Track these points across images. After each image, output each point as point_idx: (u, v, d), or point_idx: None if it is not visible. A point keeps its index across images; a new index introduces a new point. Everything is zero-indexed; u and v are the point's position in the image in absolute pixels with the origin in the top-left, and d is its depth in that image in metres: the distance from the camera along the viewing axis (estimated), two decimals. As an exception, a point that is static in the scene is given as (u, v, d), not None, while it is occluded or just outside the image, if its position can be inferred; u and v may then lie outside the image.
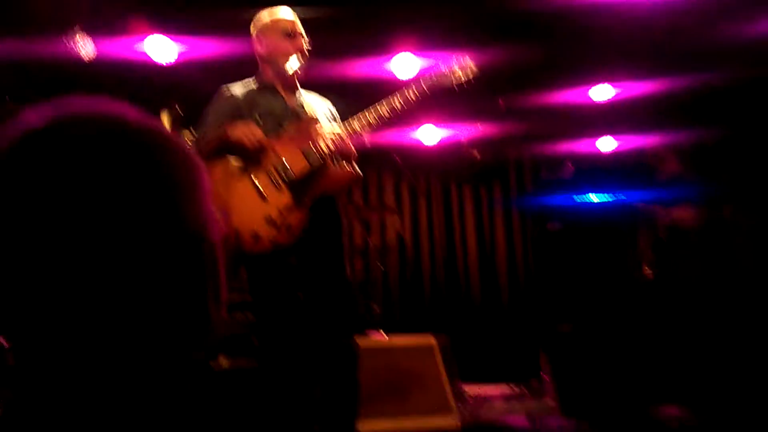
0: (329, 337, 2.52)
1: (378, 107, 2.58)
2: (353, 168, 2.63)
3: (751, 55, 5.11)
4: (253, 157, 2.48)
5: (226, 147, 2.46)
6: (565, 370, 4.60)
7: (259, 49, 2.69)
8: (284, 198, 2.44)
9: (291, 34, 2.64)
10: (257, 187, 2.45)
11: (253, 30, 2.73)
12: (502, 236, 7.08)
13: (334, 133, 2.54)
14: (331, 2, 4.42)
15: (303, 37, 2.66)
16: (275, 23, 2.68)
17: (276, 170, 2.48)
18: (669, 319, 3.97)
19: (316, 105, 2.78)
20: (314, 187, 2.47)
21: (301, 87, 2.78)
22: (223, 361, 3.46)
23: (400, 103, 2.57)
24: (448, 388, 3.63)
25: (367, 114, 2.57)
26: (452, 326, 6.32)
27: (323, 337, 2.51)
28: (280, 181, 2.47)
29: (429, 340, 3.77)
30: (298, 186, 2.46)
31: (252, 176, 2.47)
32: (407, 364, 3.64)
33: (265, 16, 2.71)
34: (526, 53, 5.12)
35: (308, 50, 2.68)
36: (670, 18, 4.60)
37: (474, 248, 7.06)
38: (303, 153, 2.50)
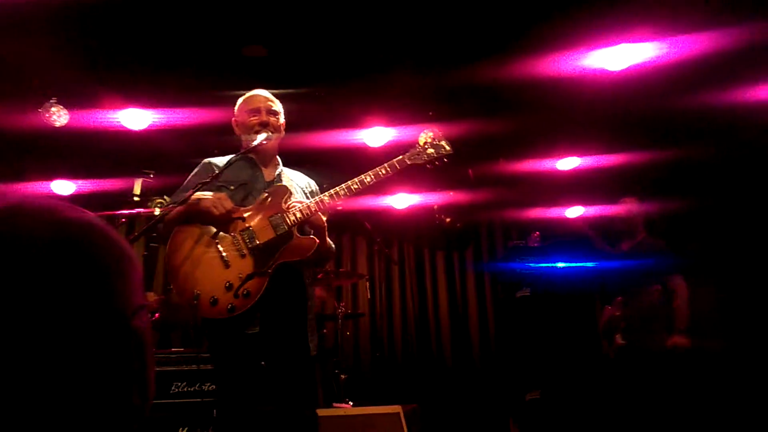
0: (288, 408, 2.49)
1: (350, 183, 2.65)
2: (320, 238, 2.66)
3: (716, 127, 5.32)
4: (221, 225, 2.54)
5: (195, 214, 2.52)
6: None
7: (235, 126, 2.86)
8: (246, 265, 2.48)
9: (256, 111, 2.75)
10: (221, 254, 2.50)
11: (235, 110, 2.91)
12: (474, 301, 7.12)
13: (302, 204, 2.60)
14: (308, 82, 4.60)
15: (272, 113, 2.76)
16: (246, 101, 2.84)
17: (242, 238, 2.53)
18: (637, 388, 3.97)
19: (296, 179, 2.87)
20: (277, 255, 2.51)
21: (287, 164, 2.90)
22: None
23: (372, 179, 2.66)
24: (414, 460, 3.56)
25: (338, 189, 2.64)
26: (424, 394, 6.26)
27: (282, 407, 2.49)
28: (244, 249, 2.52)
29: (395, 409, 3.72)
30: (261, 254, 2.51)
31: (218, 243, 2.52)
32: (372, 434, 3.58)
33: (241, 97, 2.88)
34: (495, 125, 5.28)
35: (275, 126, 2.76)
36: (634, 92, 4.82)
37: (446, 313, 7.08)
38: (270, 222, 2.56)
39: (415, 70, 4.68)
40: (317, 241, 2.58)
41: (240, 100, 2.87)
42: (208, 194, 2.51)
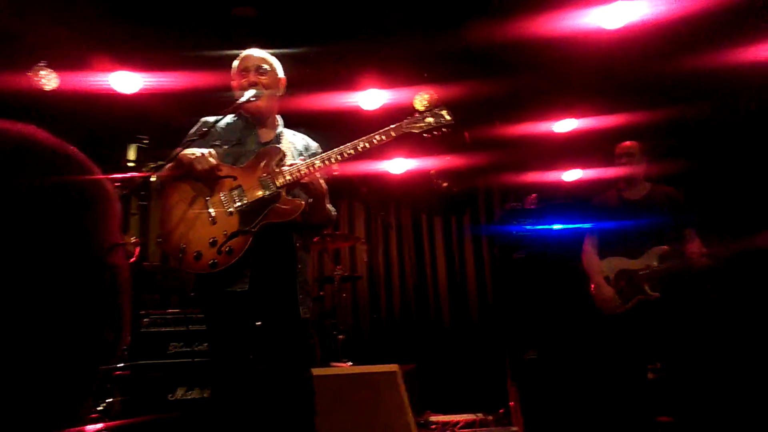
0: (280, 367, 2.52)
1: (343, 148, 2.63)
2: (318, 203, 2.64)
3: (714, 86, 5.28)
4: (209, 182, 2.54)
5: (183, 170, 2.52)
6: (532, 397, 4.63)
7: (232, 86, 2.81)
8: (232, 223, 2.50)
9: (245, 71, 2.73)
10: (209, 211, 2.51)
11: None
12: (471, 264, 7.17)
13: (295, 166, 2.58)
14: (305, 42, 4.54)
15: (261, 72, 2.72)
16: (239, 62, 2.79)
17: (231, 196, 2.54)
18: (639, 344, 3.97)
19: (295, 141, 2.83)
20: (262, 216, 2.52)
21: (290, 126, 2.86)
22: (179, 392, 3.44)
23: (365, 145, 2.62)
24: (410, 415, 3.63)
25: (330, 153, 2.61)
26: (422, 355, 6.35)
27: (274, 367, 2.52)
28: (231, 207, 2.53)
29: (392, 367, 3.77)
30: (247, 213, 2.51)
31: (207, 200, 2.53)
32: (369, 392, 3.63)
33: (239, 56, 2.83)
34: (490, 87, 5.24)
35: (264, 84, 2.72)
36: (631, 51, 4.76)
37: (444, 276, 7.13)
38: (260, 182, 2.56)
39: (409, 32, 4.61)
40: (302, 204, 2.54)
41: (235, 62, 2.82)
42: (195, 151, 2.51)
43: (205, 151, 2.51)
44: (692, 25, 4.23)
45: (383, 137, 2.65)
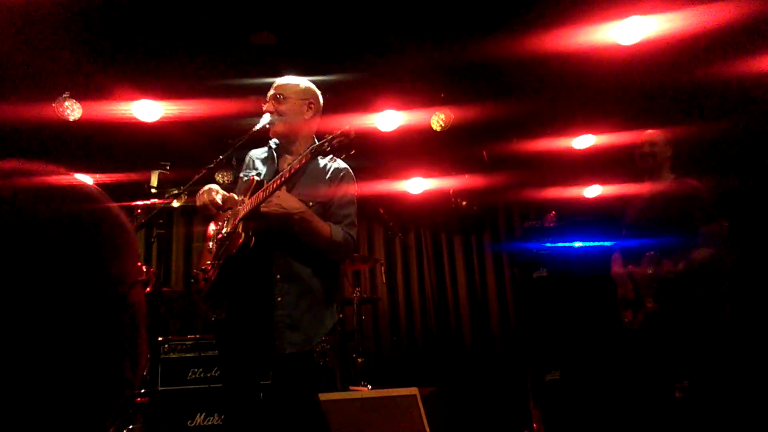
0: (291, 396, 2.50)
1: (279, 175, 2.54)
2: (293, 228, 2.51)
3: (732, 99, 5.22)
4: (224, 213, 2.68)
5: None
6: (555, 419, 4.56)
7: None
8: (213, 253, 2.63)
9: (267, 99, 2.77)
10: (210, 242, 2.68)
11: None
12: (492, 283, 7.10)
13: (255, 195, 2.55)
14: (323, 66, 4.60)
15: (277, 100, 2.73)
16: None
17: (223, 227, 2.66)
18: (658, 365, 3.88)
19: (313, 167, 2.71)
20: (225, 248, 2.56)
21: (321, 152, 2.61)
22: (199, 418, 3.46)
23: (298, 164, 2.50)
24: (431, 440, 3.58)
25: (271, 182, 2.53)
26: (443, 377, 6.29)
27: (285, 396, 2.50)
28: (218, 238, 2.65)
29: (412, 391, 3.73)
30: (222, 243, 2.60)
31: (213, 233, 2.71)
32: (388, 416, 3.60)
33: None
34: (508, 105, 5.24)
35: (280, 112, 2.73)
36: (647, 66, 4.74)
37: (464, 296, 7.08)
38: (233, 213, 2.65)
39: (425, 52, 4.64)
40: (241, 238, 2.47)
41: None
42: (205, 187, 2.68)
43: (207, 187, 2.67)
44: (709, 39, 4.20)
45: (301, 160, 2.50)
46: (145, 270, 3.98)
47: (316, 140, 2.71)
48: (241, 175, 2.79)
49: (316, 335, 2.57)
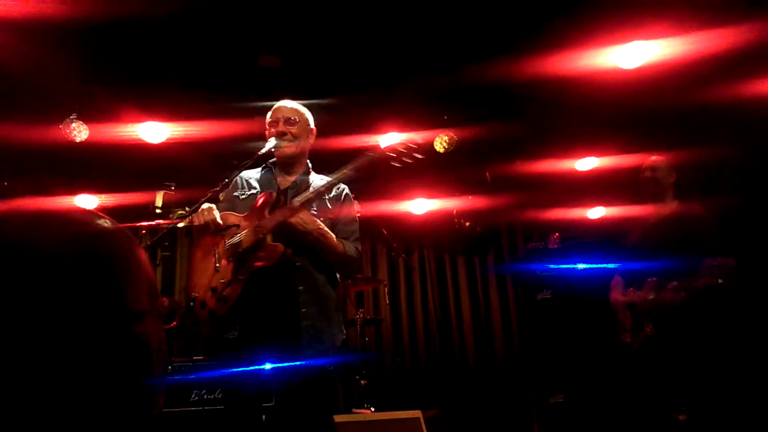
0: (301, 417, 2.51)
1: (317, 187, 2.62)
2: (310, 242, 2.59)
3: (733, 124, 5.24)
4: (220, 232, 2.62)
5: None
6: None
7: (265, 135, 2.89)
8: (228, 270, 2.56)
9: (275, 122, 2.81)
10: (215, 259, 2.59)
11: None
12: (496, 305, 7.07)
13: (283, 209, 2.59)
14: (327, 89, 4.66)
15: (289, 123, 2.79)
16: (272, 112, 2.88)
17: (233, 243, 2.61)
18: (658, 388, 3.87)
19: (315, 185, 2.77)
20: (249, 262, 2.54)
21: (318, 171, 2.87)
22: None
23: (337, 179, 2.61)
24: (434, 464, 3.56)
25: (306, 193, 2.60)
26: (446, 399, 6.25)
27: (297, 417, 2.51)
28: (231, 255, 2.59)
29: (415, 413, 3.72)
30: (240, 260, 2.55)
31: (216, 250, 2.61)
32: (392, 440, 3.59)
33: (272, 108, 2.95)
34: (511, 127, 5.28)
35: (293, 134, 2.78)
36: (649, 90, 4.78)
37: (468, 317, 7.05)
38: (254, 229, 2.61)
39: (429, 74, 4.69)
40: (280, 248, 2.51)
41: (269, 113, 2.91)
42: (205, 206, 2.62)
43: (206, 206, 2.62)
44: (710, 64, 4.23)
45: (353, 170, 2.57)
46: (165, 301, 3.96)
47: (309, 162, 2.88)
48: (237, 194, 2.78)
49: (333, 345, 2.64)
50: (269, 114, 2.87)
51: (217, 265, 2.58)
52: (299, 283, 2.60)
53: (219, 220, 2.62)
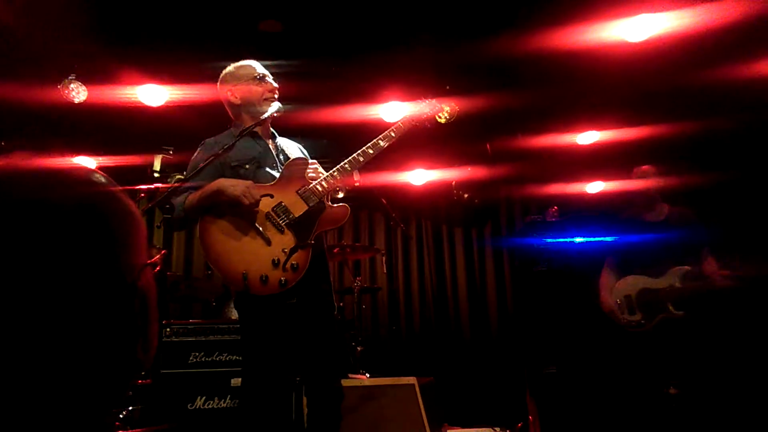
0: (318, 378, 2.58)
1: (364, 149, 2.70)
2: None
3: (738, 98, 5.21)
4: (249, 208, 2.51)
5: (221, 202, 2.49)
6: (551, 412, 4.59)
7: (233, 99, 2.77)
8: (288, 239, 2.52)
9: (260, 78, 2.75)
10: (260, 232, 2.50)
11: (222, 84, 2.82)
12: (492, 276, 7.12)
13: (326, 174, 2.64)
14: (328, 56, 4.60)
15: (272, 80, 2.79)
16: (243, 70, 2.79)
17: (276, 214, 2.56)
18: (661, 362, 3.94)
19: (291, 149, 2.88)
20: (315, 226, 2.57)
21: (283, 135, 2.92)
22: (199, 401, 3.48)
23: (383, 143, 2.70)
24: (427, 428, 3.62)
25: (355, 155, 2.68)
26: (441, 367, 6.32)
27: (311, 378, 2.58)
28: (282, 224, 2.54)
29: (410, 380, 3.77)
30: (299, 226, 2.55)
31: (255, 224, 2.51)
32: (387, 404, 3.64)
33: (231, 68, 2.83)
34: (513, 99, 5.24)
35: (277, 94, 2.78)
36: (654, 64, 4.73)
37: (464, 288, 7.10)
38: (300, 195, 2.60)
39: (432, 44, 4.64)
40: (348, 208, 2.66)
41: (229, 73, 2.80)
42: (234, 182, 2.51)
43: (244, 183, 2.51)
44: (717, 38, 4.19)
45: (388, 138, 2.78)
46: (155, 251, 3.99)
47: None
48: (234, 164, 2.63)
49: None
50: (241, 72, 2.77)
51: (267, 236, 2.51)
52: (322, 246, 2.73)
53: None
